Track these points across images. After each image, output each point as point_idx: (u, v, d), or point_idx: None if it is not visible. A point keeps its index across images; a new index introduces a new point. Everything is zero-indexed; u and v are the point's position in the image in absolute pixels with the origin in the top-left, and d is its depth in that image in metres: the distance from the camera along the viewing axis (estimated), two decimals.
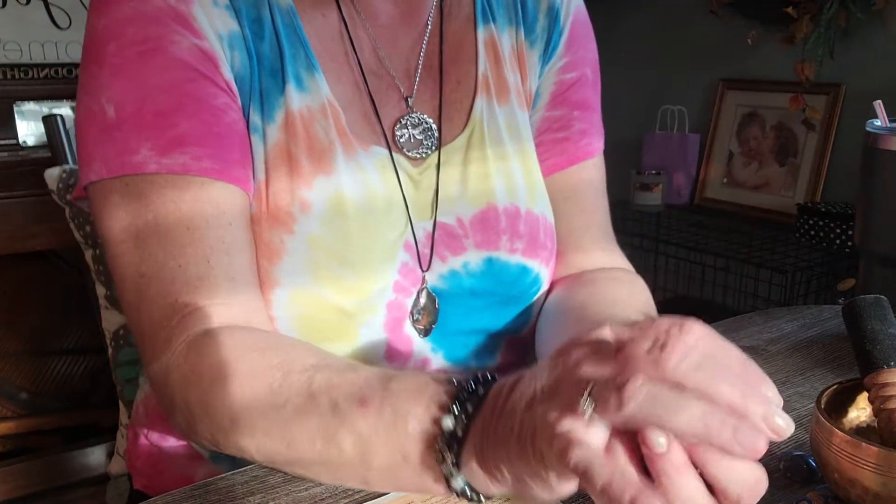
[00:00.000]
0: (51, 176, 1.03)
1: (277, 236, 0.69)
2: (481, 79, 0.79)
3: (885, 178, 0.99)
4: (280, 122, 0.70)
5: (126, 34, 0.65)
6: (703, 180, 2.58)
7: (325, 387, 0.53)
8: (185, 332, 0.62)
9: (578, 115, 0.85)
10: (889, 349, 0.65)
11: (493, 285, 0.78)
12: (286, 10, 0.71)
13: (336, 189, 0.70)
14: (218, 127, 0.66)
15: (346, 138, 0.72)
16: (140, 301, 0.65)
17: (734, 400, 0.38)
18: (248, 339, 0.61)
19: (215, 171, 0.65)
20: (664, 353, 0.39)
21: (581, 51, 0.86)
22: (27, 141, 2.22)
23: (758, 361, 0.41)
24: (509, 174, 0.79)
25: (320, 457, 0.54)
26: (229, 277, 0.64)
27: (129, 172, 0.64)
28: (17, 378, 2.15)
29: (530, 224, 0.79)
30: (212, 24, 0.67)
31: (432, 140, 0.77)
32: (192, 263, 0.63)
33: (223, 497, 0.63)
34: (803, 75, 2.23)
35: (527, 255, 0.79)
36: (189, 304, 0.63)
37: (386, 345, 0.75)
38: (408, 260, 0.75)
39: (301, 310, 0.70)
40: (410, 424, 0.49)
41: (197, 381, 0.59)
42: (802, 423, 0.73)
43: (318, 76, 0.72)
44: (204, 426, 0.59)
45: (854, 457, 0.56)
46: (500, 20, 0.82)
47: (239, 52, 0.69)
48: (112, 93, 0.65)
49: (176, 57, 0.65)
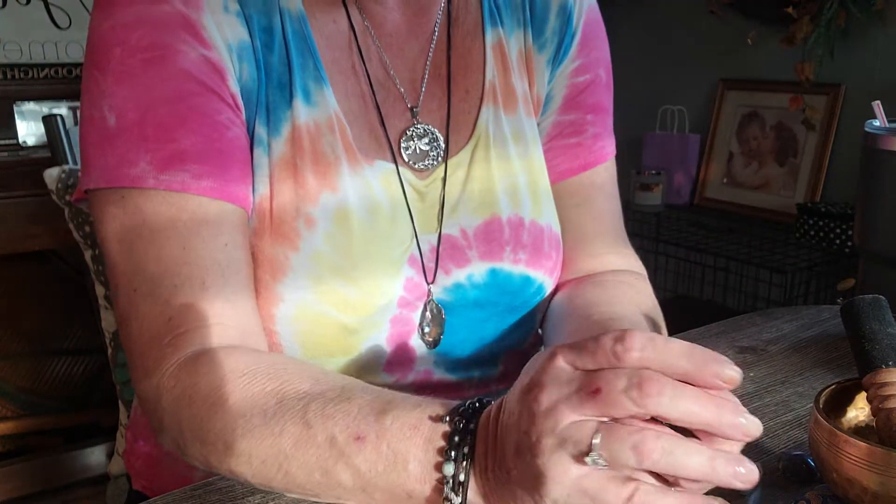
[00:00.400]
0: (50, 176, 1.03)
1: (282, 252, 0.68)
2: (488, 87, 0.78)
3: (885, 178, 0.99)
4: (286, 136, 0.69)
5: (131, 40, 0.63)
6: (703, 180, 2.58)
7: (320, 418, 0.53)
8: (177, 352, 0.61)
9: (592, 119, 0.84)
10: (887, 349, 0.65)
11: (497, 296, 0.77)
12: (297, 17, 0.70)
13: (341, 205, 0.70)
14: (220, 143, 0.65)
15: (352, 153, 0.71)
16: (131, 315, 0.64)
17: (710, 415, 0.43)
18: (241, 361, 0.60)
19: (214, 190, 0.64)
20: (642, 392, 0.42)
21: (595, 52, 0.84)
22: (27, 141, 2.22)
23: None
24: (514, 184, 0.78)
25: (320, 487, 0.54)
26: (224, 298, 0.64)
27: (126, 185, 0.63)
28: (16, 378, 2.15)
29: (534, 234, 0.78)
30: (221, 33, 0.66)
31: (438, 151, 0.76)
32: (187, 284, 0.62)
33: (223, 497, 0.63)
34: (803, 75, 2.23)
35: (530, 266, 0.78)
36: (182, 325, 0.62)
37: (388, 358, 0.74)
38: (413, 275, 0.74)
39: (303, 326, 0.70)
40: (411, 466, 0.50)
41: (189, 404, 0.59)
42: (801, 422, 0.73)
43: (327, 89, 0.70)
44: (196, 449, 0.59)
45: (852, 456, 0.56)
46: (508, 23, 0.80)
47: (248, 64, 0.68)
48: (114, 100, 0.63)
49: (182, 68, 0.64)
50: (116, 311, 0.66)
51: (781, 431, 0.71)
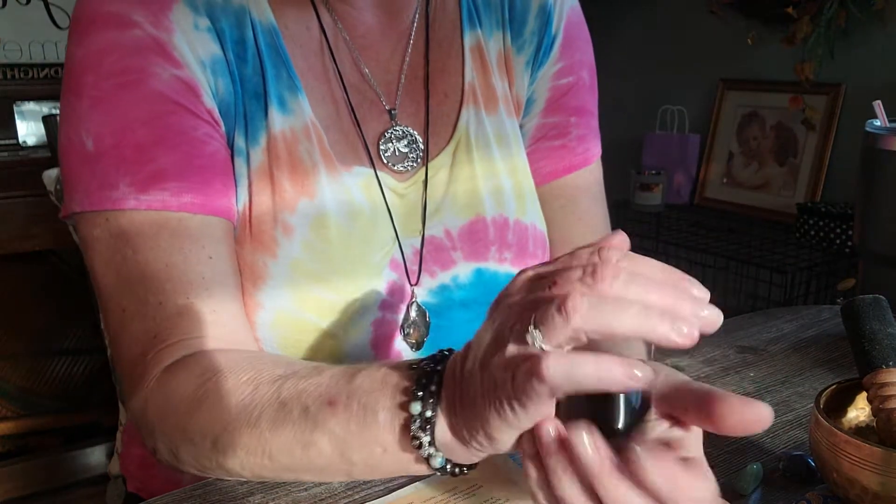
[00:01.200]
0: (49, 177, 1.03)
1: (261, 260, 0.69)
2: (468, 88, 0.78)
3: (885, 178, 0.99)
4: (263, 145, 0.70)
5: (104, 65, 0.64)
6: (703, 180, 2.58)
7: (294, 394, 0.54)
8: (158, 365, 0.62)
9: (576, 122, 0.84)
10: (888, 349, 0.65)
11: (483, 295, 0.77)
12: (268, 29, 0.70)
13: (319, 212, 0.70)
14: (199, 159, 0.66)
15: (329, 159, 0.71)
16: (121, 335, 0.65)
17: (666, 302, 0.42)
18: (216, 359, 0.60)
19: (195, 206, 0.65)
20: (595, 276, 0.42)
21: (577, 53, 0.84)
22: (27, 141, 2.22)
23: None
24: (497, 184, 0.78)
25: (302, 463, 0.54)
26: (210, 310, 0.64)
27: (108, 207, 0.64)
28: (16, 378, 2.15)
29: (519, 234, 0.79)
30: (193, 51, 0.66)
31: (418, 153, 0.76)
32: (172, 300, 0.63)
33: (223, 497, 0.63)
34: (803, 75, 2.23)
35: (516, 265, 0.78)
36: (166, 340, 0.62)
37: (372, 361, 0.75)
38: (395, 278, 0.74)
39: (284, 331, 0.70)
40: (381, 416, 0.50)
41: (173, 409, 0.59)
42: (801, 422, 0.74)
43: (301, 97, 0.71)
44: (187, 453, 0.59)
45: (853, 456, 0.56)
46: (487, 24, 0.80)
47: (222, 78, 0.68)
48: (90, 125, 0.64)
49: (155, 89, 0.64)
50: (108, 331, 0.67)
51: (782, 431, 0.72)
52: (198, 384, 0.58)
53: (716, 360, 0.90)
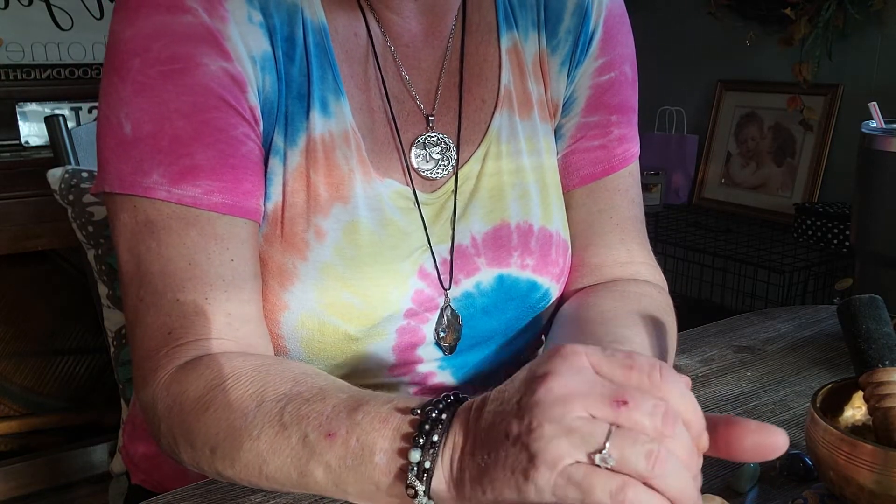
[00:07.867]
0: (53, 176, 1.03)
1: (290, 261, 0.69)
2: (503, 91, 0.77)
3: (881, 178, 1.00)
4: (301, 147, 0.69)
5: (152, 50, 0.63)
6: (702, 181, 2.59)
7: (296, 419, 0.54)
8: (171, 363, 0.62)
9: (617, 120, 0.81)
10: (884, 348, 0.65)
11: (503, 301, 0.77)
12: (318, 29, 0.70)
13: (352, 218, 0.70)
14: (234, 158, 0.65)
15: (365, 167, 0.71)
16: (136, 323, 0.65)
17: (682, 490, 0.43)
18: (226, 366, 0.60)
19: (225, 206, 0.65)
20: (665, 425, 0.43)
21: (619, 47, 0.81)
22: (29, 141, 2.23)
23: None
24: (525, 191, 0.77)
25: (297, 486, 0.55)
26: (226, 313, 0.64)
27: (139, 194, 0.64)
28: (19, 377, 2.15)
29: (543, 241, 0.78)
30: (245, 45, 0.65)
31: (450, 160, 0.75)
32: (190, 299, 0.63)
33: (224, 496, 0.64)
34: (801, 76, 2.24)
35: (537, 272, 0.77)
36: (181, 338, 0.63)
37: (392, 366, 0.75)
38: (423, 287, 0.74)
39: (307, 332, 0.70)
40: (377, 457, 0.50)
41: (178, 411, 0.60)
42: (798, 421, 0.74)
43: (344, 102, 0.70)
44: (187, 454, 0.60)
45: (849, 455, 0.56)
46: (523, 24, 0.78)
47: (269, 75, 0.68)
48: (131, 110, 0.64)
49: (200, 82, 0.63)
50: (125, 314, 0.67)
51: None
52: (204, 390, 0.59)
53: (713, 359, 0.90)
